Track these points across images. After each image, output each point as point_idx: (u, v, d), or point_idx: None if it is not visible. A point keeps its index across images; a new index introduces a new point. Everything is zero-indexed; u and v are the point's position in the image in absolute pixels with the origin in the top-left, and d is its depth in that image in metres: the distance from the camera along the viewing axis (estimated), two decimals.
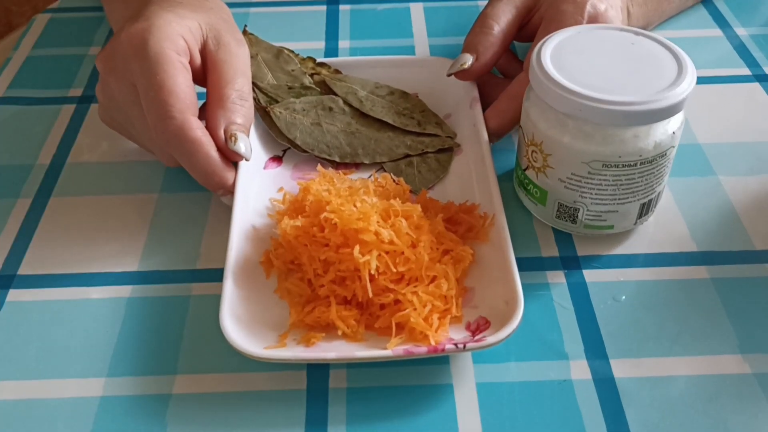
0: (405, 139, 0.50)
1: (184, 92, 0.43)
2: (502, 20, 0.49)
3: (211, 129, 0.44)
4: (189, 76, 0.44)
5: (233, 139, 0.43)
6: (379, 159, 0.49)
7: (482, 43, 0.49)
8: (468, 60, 0.49)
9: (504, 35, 0.49)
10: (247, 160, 0.44)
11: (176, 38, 0.44)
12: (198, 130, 0.43)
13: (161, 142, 0.43)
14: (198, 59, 0.46)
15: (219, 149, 0.43)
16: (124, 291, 0.43)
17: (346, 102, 0.51)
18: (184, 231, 0.46)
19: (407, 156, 0.49)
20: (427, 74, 0.53)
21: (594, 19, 0.47)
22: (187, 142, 0.42)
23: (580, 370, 0.38)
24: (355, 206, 0.40)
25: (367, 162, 0.49)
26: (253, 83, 0.50)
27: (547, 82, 0.40)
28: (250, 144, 0.45)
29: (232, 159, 0.44)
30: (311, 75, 0.53)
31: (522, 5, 0.50)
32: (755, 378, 0.37)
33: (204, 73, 0.46)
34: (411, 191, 0.45)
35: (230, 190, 0.44)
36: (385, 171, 0.49)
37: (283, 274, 0.41)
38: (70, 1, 0.70)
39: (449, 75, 0.50)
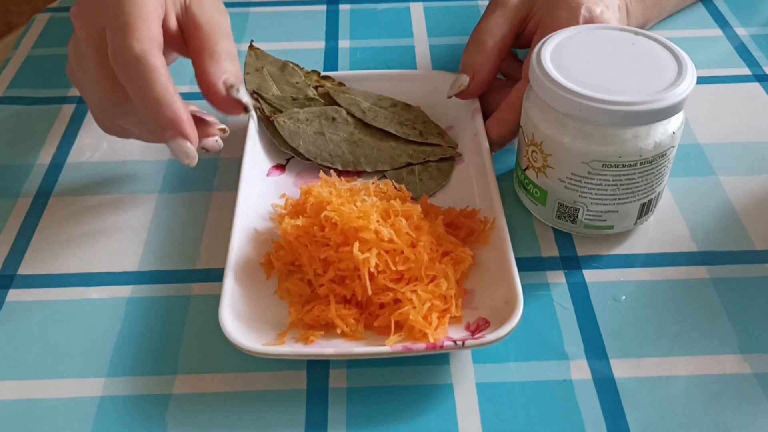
0: (407, 148, 0.50)
1: (154, 24, 0.40)
2: (496, 34, 0.49)
3: (207, 82, 0.42)
4: (160, 20, 0.42)
5: (234, 88, 0.42)
6: (381, 167, 0.49)
7: (477, 61, 0.49)
8: (465, 81, 0.49)
9: (499, 49, 0.49)
10: (247, 111, 0.43)
11: None
12: (159, 58, 0.39)
13: (119, 73, 0.40)
14: (174, 23, 0.44)
15: (219, 101, 0.42)
16: (124, 291, 0.43)
17: (349, 113, 0.51)
18: (184, 231, 0.46)
19: (409, 164, 0.49)
20: (429, 88, 0.53)
21: (590, 22, 0.46)
22: (147, 68, 0.39)
23: (580, 370, 0.38)
24: (355, 205, 0.40)
25: (369, 170, 0.49)
26: (258, 94, 0.50)
27: (547, 82, 0.40)
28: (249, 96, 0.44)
29: (233, 110, 0.43)
30: (315, 87, 0.53)
31: (516, 15, 0.50)
32: (755, 378, 0.37)
33: (183, 37, 0.45)
34: (412, 198, 0.45)
35: (181, 132, 0.40)
36: (386, 179, 0.49)
37: (284, 276, 0.41)
38: (70, 0, 0.70)
39: (449, 97, 0.50)
